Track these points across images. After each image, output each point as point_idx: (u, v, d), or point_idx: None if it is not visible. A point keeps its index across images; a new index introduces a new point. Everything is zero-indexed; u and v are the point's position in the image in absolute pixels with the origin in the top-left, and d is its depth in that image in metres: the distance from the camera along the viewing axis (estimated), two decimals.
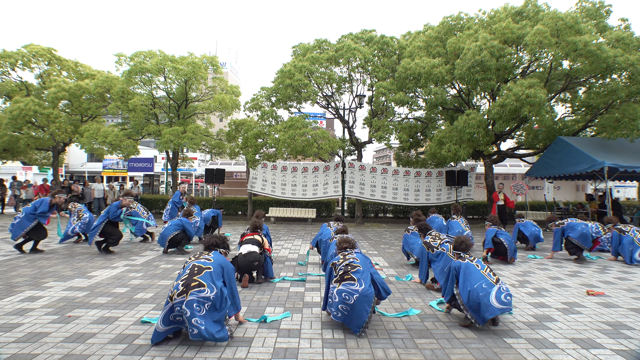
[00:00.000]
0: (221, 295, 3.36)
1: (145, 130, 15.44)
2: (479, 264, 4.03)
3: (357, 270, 3.81)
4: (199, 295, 3.25)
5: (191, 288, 3.28)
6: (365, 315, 3.60)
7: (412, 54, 13.29)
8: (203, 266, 3.49)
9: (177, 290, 3.31)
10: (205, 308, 3.25)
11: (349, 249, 4.18)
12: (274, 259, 6.87)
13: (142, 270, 6.16)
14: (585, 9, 11.97)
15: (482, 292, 3.72)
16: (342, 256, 4.06)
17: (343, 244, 4.26)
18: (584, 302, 4.78)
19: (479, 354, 3.27)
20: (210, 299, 3.27)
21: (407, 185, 14.79)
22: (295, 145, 12.93)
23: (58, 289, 5.02)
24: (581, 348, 3.42)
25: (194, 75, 14.75)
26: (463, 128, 11.70)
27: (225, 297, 3.42)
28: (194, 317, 3.19)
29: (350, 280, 3.72)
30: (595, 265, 7.23)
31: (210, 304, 3.27)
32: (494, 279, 3.89)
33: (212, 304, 3.29)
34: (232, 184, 20.96)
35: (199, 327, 3.17)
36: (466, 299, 3.80)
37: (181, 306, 3.23)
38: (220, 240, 3.94)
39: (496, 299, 3.70)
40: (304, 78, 13.68)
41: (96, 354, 3.15)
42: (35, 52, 15.95)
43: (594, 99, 11.56)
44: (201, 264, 3.51)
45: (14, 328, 3.67)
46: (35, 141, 15.97)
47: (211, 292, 3.30)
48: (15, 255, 7.28)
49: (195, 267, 3.47)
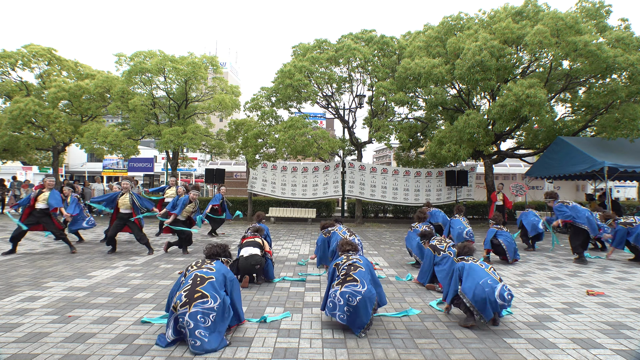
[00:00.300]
0: (224, 305, 3.37)
1: (145, 130, 15.44)
2: (482, 264, 4.06)
3: (360, 271, 3.82)
4: (203, 307, 3.25)
5: (194, 300, 3.27)
6: (368, 317, 3.61)
7: (412, 54, 13.29)
8: (205, 276, 3.48)
9: (180, 302, 3.29)
10: (211, 319, 3.25)
11: (351, 252, 4.19)
12: (274, 260, 6.86)
13: (142, 270, 6.16)
14: (585, 9, 11.97)
15: (487, 288, 3.75)
16: (346, 257, 4.06)
17: (345, 247, 4.26)
18: (584, 302, 4.78)
19: (479, 354, 3.27)
20: (215, 309, 3.28)
21: (407, 185, 14.79)
22: (295, 145, 12.93)
23: (58, 289, 5.02)
24: (581, 348, 3.42)
25: (194, 75, 14.75)
26: (463, 128, 11.70)
27: (229, 306, 3.42)
28: (198, 329, 3.18)
29: (353, 281, 3.73)
30: (595, 265, 7.23)
31: (215, 314, 3.28)
32: (497, 277, 3.92)
33: (217, 314, 3.29)
34: (232, 184, 20.94)
35: (202, 340, 3.17)
36: (471, 295, 3.81)
37: (184, 317, 3.22)
38: (221, 250, 3.96)
39: (499, 295, 3.74)
40: (304, 78, 13.68)
41: (96, 354, 3.15)
42: (35, 52, 15.94)
43: (594, 99, 11.56)
44: (203, 274, 3.51)
45: (14, 328, 3.67)
46: (35, 141, 15.97)
47: (215, 303, 3.31)
48: (15, 255, 7.28)
49: (198, 278, 3.47)
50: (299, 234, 11.34)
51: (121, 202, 7.64)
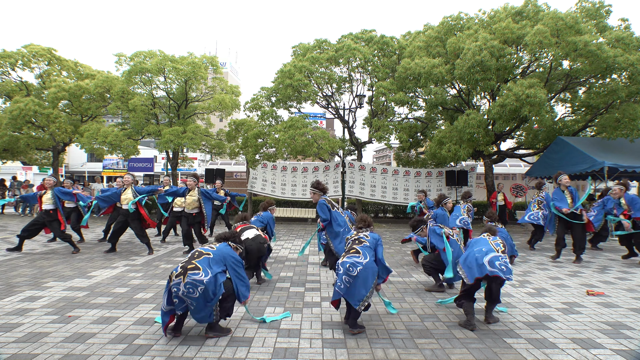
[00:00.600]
0: (215, 282, 3.38)
1: (145, 130, 15.43)
2: (490, 238, 4.16)
3: (364, 245, 3.85)
4: (193, 277, 3.31)
5: (188, 270, 3.35)
6: (366, 290, 3.61)
7: (412, 54, 13.29)
8: (204, 252, 3.57)
9: (175, 272, 3.39)
10: (199, 291, 3.30)
11: (364, 228, 4.18)
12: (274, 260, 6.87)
13: (142, 270, 6.17)
14: (585, 9, 11.97)
15: (478, 254, 3.84)
16: (356, 232, 4.11)
17: (360, 223, 4.26)
18: (584, 302, 4.78)
19: (479, 354, 3.27)
20: (204, 283, 3.30)
21: (407, 185, 14.79)
22: (295, 145, 12.93)
23: (58, 289, 5.02)
24: (581, 348, 3.42)
25: (194, 75, 14.75)
26: (463, 128, 11.70)
27: (220, 284, 3.42)
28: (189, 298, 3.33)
29: (356, 253, 3.76)
30: (595, 265, 7.23)
31: (203, 287, 3.30)
32: (498, 248, 3.94)
33: (205, 288, 3.31)
34: (232, 184, 20.92)
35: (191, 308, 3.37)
36: (463, 261, 3.94)
37: (179, 287, 3.31)
38: (230, 234, 3.95)
39: (489, 262, 3.74)
40: (304, 78, 13.68)
41: (96, 354, 3.15)
42: (35, 52, 15.94)
43: (594, 99, 11.56)
44: (202, 250, 3.61)
45: (14, 328, 3.67)
46: (35, 141, 15.97)
47: (205, 276, 3.33)
48: (15, 255, 7.29)
49: (196, 252, 3.57)
50: (299, 234, 11.35)
51: (124, 198, 7.58)
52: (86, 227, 8.80)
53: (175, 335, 3.53)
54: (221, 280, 3.45)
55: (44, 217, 7.45)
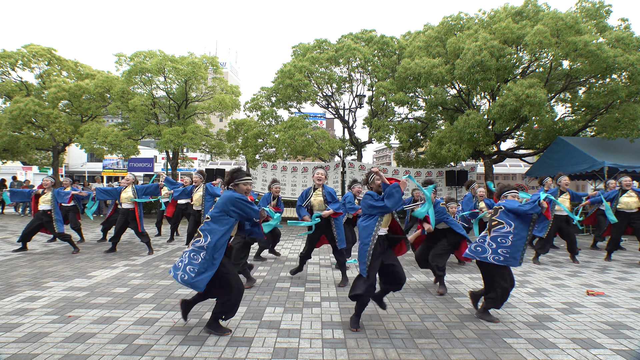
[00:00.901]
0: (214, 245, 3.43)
1: (145, 130, 15.44)
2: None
3: None
4: (196, 245, 3.45)
5: (194, 239, 3.53)
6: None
7: (412, 54, 13.29)
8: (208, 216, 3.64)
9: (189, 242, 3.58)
10: (201, 257, 3.40)
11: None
12: (274, 260, 6.85)
13: (142, 270, 6.16)
14: (585, 9, 11.97)
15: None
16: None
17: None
18: (584, 302, 4.78)
19: (479, 354, 3.27)
20: (205, 248, 3.43)
21: (407, 185, 14.78)
22: (295, 145, 12.94)
23: (58, 289, 5.02)
24: (581, 348, 3.42)
25: (194, 75, 14.76)
26: (463, 128, 11.70)
27: (222, 245, 3.48)
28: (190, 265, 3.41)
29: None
30: (595, 265, 7.23)
31: (205, 252, 3.42)
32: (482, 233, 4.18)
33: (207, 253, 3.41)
34: None
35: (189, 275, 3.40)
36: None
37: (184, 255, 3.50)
38: (232, 172, 3.86)
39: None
40: (304, 78, 13.69)
41: (96, 354, 3.15)
42: (35, 52, 15.96)
43: (594, 99, 11.56)
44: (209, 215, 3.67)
45: (14, 328, 3.67)
46: (35, 141, 15.98)
47: (205, 241, 3.45)
48: (16, 255, 7.29)
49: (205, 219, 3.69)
50: (299, 234, 11.32)
51: (124, 197, 7.56)
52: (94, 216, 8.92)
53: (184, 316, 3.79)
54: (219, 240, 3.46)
55: (42, 218, 7.45)
